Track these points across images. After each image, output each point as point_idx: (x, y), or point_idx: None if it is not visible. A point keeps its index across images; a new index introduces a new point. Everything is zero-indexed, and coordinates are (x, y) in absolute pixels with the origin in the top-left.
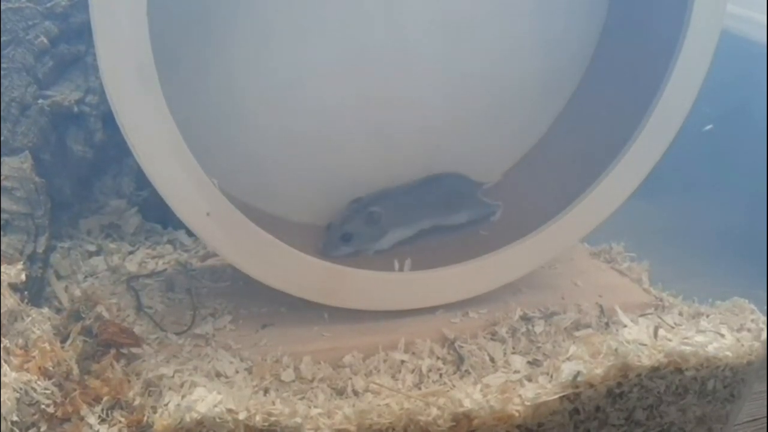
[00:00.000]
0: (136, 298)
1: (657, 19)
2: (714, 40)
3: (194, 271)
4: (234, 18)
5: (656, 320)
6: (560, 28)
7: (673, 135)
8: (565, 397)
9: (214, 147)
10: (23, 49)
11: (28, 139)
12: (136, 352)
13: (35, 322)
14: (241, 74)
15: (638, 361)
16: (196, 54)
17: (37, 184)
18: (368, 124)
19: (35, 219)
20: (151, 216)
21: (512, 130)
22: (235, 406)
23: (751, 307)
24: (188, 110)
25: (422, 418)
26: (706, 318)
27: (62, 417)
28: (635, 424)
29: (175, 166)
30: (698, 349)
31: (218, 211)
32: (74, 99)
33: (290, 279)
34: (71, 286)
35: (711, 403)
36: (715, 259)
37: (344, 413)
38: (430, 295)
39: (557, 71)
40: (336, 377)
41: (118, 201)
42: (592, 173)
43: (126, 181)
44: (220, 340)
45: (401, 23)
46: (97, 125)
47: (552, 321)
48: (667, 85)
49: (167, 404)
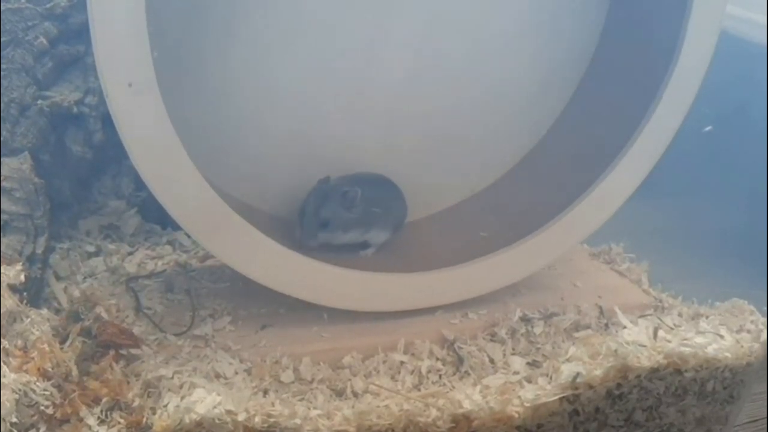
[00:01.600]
0: (135, 299)
1: (657, 20)
2: (713, 41)
3: (193, 271)
4: (232, 18)
5: (656, 321)
6: (560, 29)
7: (673, 136)
8: (565, 399)
9: (211, 148)
10: (23, 49)
11: (28, 139)
12: (135, 353)
13: (34, 323)
14: (240, 75)
15: (638, 362)
16: (195, 54)
17: (36, 185)
18: (368, 124)
19: (34, 220)
20: (150, 217)
21: (511, 131)
22: (235, 407)
23: (751, 308)
24: (185, 111)
25: (422, 419)
26: (706, 319)
27: (61, 418)
28: (635, 425)
29: (171, 167)
30: (698, 351)
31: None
32: (73, 100)
33: (289, 280)
34: (70, 287)
35: (710, 404)
36: (714, 260)
37: (344, 414)
38: (430, 296)
39: (557, 72)
40: (335, 378)
41: (118, 202)
42: (592, 174)
43: (125, 181)
44: (219, 341)
45: (400, 23)
46: (97, 126)
47: (551, 322)
48: (667, 85)
49: (166, 405)
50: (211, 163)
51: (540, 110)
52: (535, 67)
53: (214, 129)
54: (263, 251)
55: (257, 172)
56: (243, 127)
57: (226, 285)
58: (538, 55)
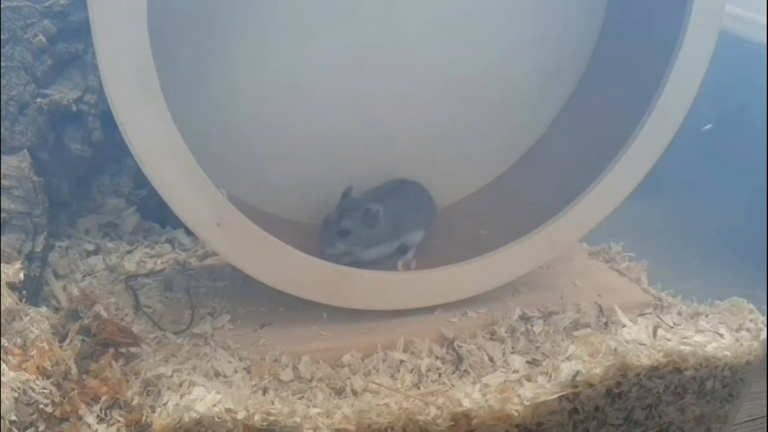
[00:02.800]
0: (134, 298)
1: (656, 19)
2: (713, 40)
3: (193, 270)
4: (234, 17)
5: (655, 320)
6: (559, 29)
7: (672, 135)
8: (564, 397)
9: (213, 146)
10: (22, 47)
11: (27, 137)
12: (134, 352)
13: (33, 322)
14: (241, 73)
15: (637, 360)
16: (196, 53)
17: (35, 183)
18: (367, 123)
19: (33, 218)
20: (149, 215)
21: (511, 130)
22: (234, 405)
23: (750, 306)
24: (188, 109)
25: (421, 417)
26: (705, 318)
27: (61, 416)
28: (634, 423)
29: (174, 165)
30: (697, 349)
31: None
32: (73, 98)
33: (290, 279)
34: (69, 285)
35: (710, 403)
36: (713, 259)
37: (343, 413)
38: (430, 295)
39: (556, 72)
40: (335, 377)
41: (117, 200)
42: (591, 173)
43: (124, 180)
44: (218, 339)
45: (401, 23)
46: (96, 124)
47: (551, 321)
48: (666, 84)
49: (166, 404)
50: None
51: (539, 110)
52: (533, 68)
53: (215, 127)
54: (265, 249)
55: (257, 170)
56: (243, 126)
57: (225, 283)
58: (536, 55)
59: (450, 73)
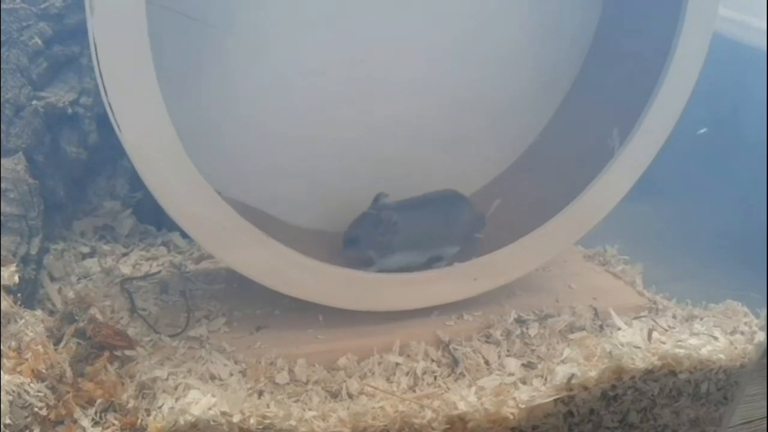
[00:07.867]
0: (129, 300)
1: (650, 21)
2: (707, 42)
3: (188, 273)
4: (232, 19)
5: (650, 323)
6: (554, 30)
7: (666, 137)
8: (560, 400)
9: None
10: (17, 50)
11: (22, 140)
12: (129, 355)
13: (28, 324)
14: (240, 76)
15: (632, 363)
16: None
17: (30, 186)
18: (367, 125)
19: (29, 220)
20: (145, 218)
21: (505, 133)
22: (230, 408)
23: (745, 309)
24: (186, 112)
25: (417, 420)
26: (700, 321)
27: (55, 420)
28: (629, 426)
29: (170, 168)
30: (692, 352)
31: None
32: (68, 100)
33: (283, 278)
34: (65, 288)
35: (704, 406)
36: (708, 262)
37: (339, 416)
38: (425, 297)
39: (550, 74)
40: (330, 380)
41: (112, 203)
42: (585, 176)
43: (120, 182)
44: (214, 342)
45: (399, 25)
46: (91, 127)
47: (546, 323)
48: (661, 86)
49: (161, 407)
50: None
51: (533, 113)
52: (527, 69)
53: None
54: (263, 252)
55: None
56: (242, 129)
57: (221, 286)
58: (531, 57)
59: (448, 74)
